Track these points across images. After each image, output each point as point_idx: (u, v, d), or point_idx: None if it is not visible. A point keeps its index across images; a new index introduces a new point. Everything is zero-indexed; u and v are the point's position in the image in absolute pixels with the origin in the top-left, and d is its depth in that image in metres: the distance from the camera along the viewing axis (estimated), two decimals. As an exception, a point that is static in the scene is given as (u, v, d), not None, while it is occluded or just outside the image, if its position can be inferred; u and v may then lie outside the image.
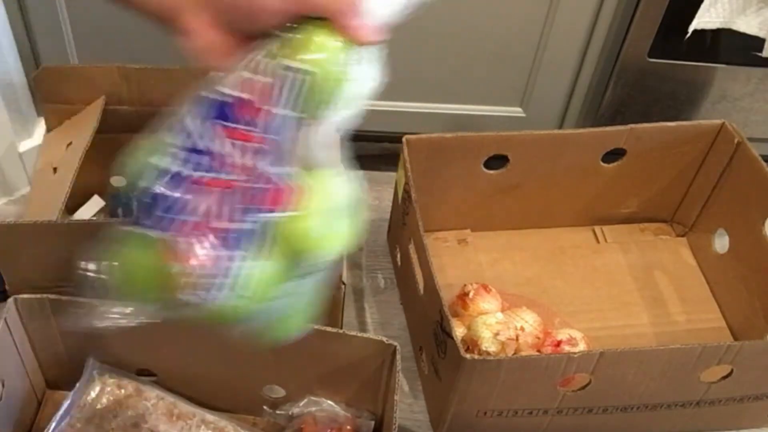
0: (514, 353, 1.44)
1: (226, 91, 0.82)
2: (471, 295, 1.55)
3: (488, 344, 1.43)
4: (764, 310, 1.55)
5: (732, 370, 1.33)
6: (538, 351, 1.47)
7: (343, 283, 1.37)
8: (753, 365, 1.33)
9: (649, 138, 1.64)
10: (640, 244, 1.81)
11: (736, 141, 1.61)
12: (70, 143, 1.48)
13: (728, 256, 1.68)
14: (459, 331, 1.47)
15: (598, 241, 1.80)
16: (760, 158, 1.57)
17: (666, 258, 1.79)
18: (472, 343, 1.46)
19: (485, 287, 1.56)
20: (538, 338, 1.48)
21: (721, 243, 1.71)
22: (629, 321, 1.64)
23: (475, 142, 1.60)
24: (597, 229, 1.82)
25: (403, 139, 1.55)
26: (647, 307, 1.68)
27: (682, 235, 1.83)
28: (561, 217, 1.68)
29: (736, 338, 1.63)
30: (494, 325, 1.44)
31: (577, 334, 1.49)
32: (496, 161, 1.63)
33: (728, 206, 1.68)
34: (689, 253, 1.80)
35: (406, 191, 1.51)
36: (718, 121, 1.65)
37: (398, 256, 1.65)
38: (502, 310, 1.54)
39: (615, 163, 1.69)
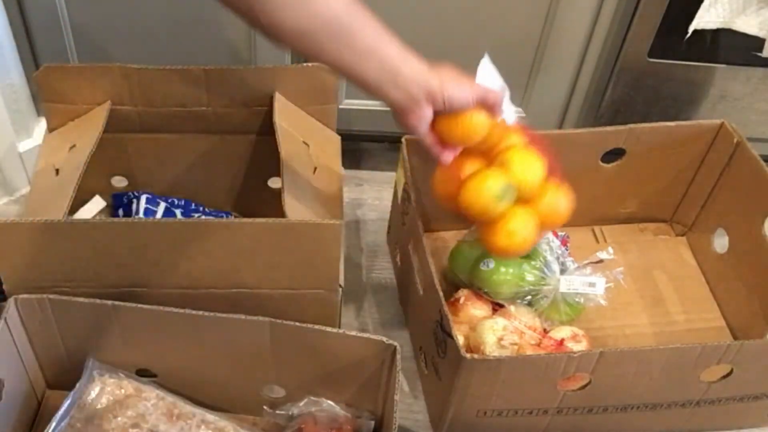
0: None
1: None
2: (462, 301, 1.55)
3: (491, 349, 1.42)
4: (764, 309, 1.55)
5: (732, 370, 1.33)
6: (538, 345, 1.47)
7: (341, 286, 1.37)
8: (753, 364, 1.33)
9: (648, 138, 1.65)
10: (640, 244, 1.81)
11: (735, 141, 1.61)
12: (74, 146, 1.47)
13: (728, 256, 1.68)
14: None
15: (597, 241, 1.80)
16: (759, 158, 1.57)
17: (665, 258, 1.79)
18: (474, 348, 1.45)
19: (476, 293, 1.56)
20: (538, 337, 1.48)
21: (721, 242, 1.71)
22: (629, 321, 1.65)
23: (474, 143, 1.60)
24: (596, 229, 1.83)
25: (403, 140, 1.55)
26: (647, 306, 1.68)
27: (682, 235, 1.83)
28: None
29: (735, 337, 1.63)
30: (500, 330, 1.43)
31: (579, 331, 1.49)
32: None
33: (727, 206, 1.68)
34: (689, 252, 1.80)
35: (406, 192, 1.51)
36: (717, 121, 1.65)
37: (398, 256, 1.65)
38: (493, 313, 1.54)
39: (614, 163, 1.69)
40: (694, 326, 1.66)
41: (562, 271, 1.50)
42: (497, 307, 1.54)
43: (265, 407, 1.41)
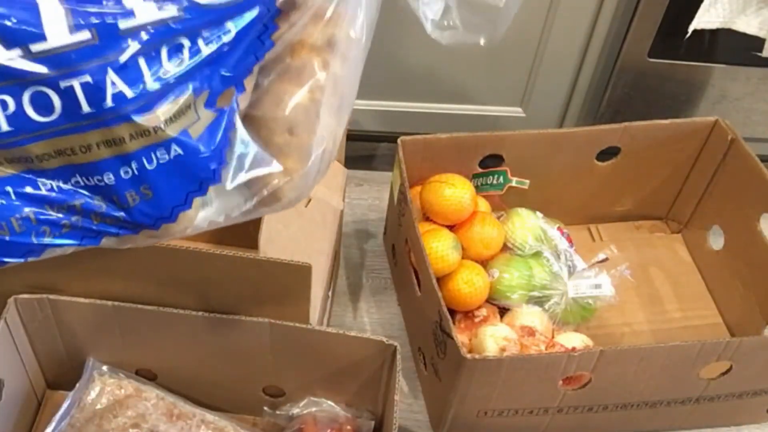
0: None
1: None
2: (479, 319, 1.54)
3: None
4: (760, 305, 1.56)
5: (731, 366, 1.33)
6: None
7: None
8: (752, 361, 1.33)
9: (643, 136, 1.65)
10: (636, 242, 1.81)
11: (729, 138, 1.62)
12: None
13: (723, 253, 1.69)
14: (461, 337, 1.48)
15: (593, 240, 1.81)
16: (753, 155, 1.58)
17: (662, 255, 1.80)
18: (475, 352, 1.45)
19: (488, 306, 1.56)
20: (545, 340, 1.47)
21: (716, 239, 1.72)
22: (626, 319, 1.65)
23: (471, 143, 1.60)
24: (592, 227, 1.83)
25: (398, 141, 1.54)
26: (644, 304, 1.69)
27: (677, 232, 1.84)
28: (556, 215, 1.68)
29: (732, 334, 1.64)
30: (501, 340, 1.43)
31: (589, 341, 1.49)
32: (492, 161, 1.64)
33: (723, 203, 1.68)
34: (685, 250, 1.81)
35: (402, 192, 1.50)
36: (712, 119, 1.65)
37: (395, 256, 1.65)
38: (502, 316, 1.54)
39: (610, 162, 1.69)
40: (691, 323, 1.66)
41: (570, 272, 1.51)
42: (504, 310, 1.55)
43: (265, 407, 1.41)
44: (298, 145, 0.96)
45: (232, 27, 0.89)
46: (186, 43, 0.86)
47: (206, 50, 0.88)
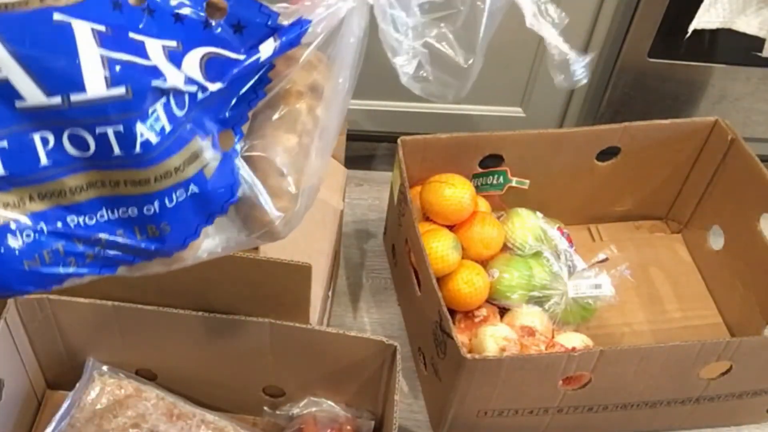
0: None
1: None
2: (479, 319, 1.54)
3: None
4: (760, 305, 1.56)
5: (731, 366, 1.33)
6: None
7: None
8: (752, 361, 1.33)
9: (643, 136, 1.65)
10: (636, 242, 1.81)
11: (729, 138, 1.62)
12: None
13: (723, 253, 1.69)
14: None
15: (593, 240, 1.81)
16: (753, 155, 1.58)
17: (662, 255, 1.79)
18: (475, 351, 1.45)
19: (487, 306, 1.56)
20: (545, 340, 1.47)
21: (716, 239, 1.72)
22: (626, 319, 1.65)
23: (471, 143, 1.60)
24: (593, 227, 1.83)
25: (398, 141, 1.55)
26: (644, 304, 1.69)
27: (677, 232, 1.84)
28: (556, 215, 1.68)
29: (732, 334, 1.64)
30: (501, 340, 1.43)
31: (589, 341, 1.48)
32: (492, 161, 1.64)
33: (723, 203, 1.68)
34: (685, 250, 1.81)
35: (402, 192, 1.50)
36: (712, 119, 1.65)
37: (395, 256, 1.65)
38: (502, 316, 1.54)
39: (610, 162, 1.69)
40: (691, 323, 1.66)
41: (570, 272, 1.51)
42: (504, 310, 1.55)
43: (265, 407, 1.41)
44: (289, 186, 1.00)
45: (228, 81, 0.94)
46: (193, 91, 0.91)
47: (204, 99, 0.92)
